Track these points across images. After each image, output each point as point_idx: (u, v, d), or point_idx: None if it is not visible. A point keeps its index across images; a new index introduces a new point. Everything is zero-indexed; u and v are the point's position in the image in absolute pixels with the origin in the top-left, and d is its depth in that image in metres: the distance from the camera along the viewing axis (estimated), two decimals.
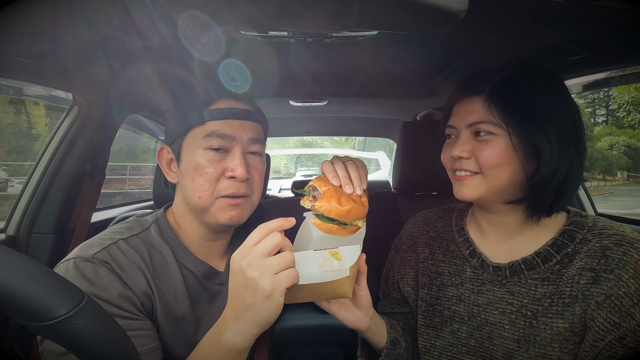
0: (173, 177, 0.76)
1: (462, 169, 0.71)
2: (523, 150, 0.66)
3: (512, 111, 0.66)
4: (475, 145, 0.69)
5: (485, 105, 0.68)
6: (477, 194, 0.70)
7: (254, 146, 0.75)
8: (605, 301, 0.61)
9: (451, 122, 0.75)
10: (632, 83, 4.54)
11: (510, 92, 0.68)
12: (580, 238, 0.67)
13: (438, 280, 0.81)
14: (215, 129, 0.70)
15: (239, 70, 1.09)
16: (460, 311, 0.76)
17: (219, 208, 0.70)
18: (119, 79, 1.13)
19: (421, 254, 0.85)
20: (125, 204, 2.03)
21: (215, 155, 0.70)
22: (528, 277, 0.69)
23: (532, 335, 0.66)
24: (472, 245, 0.78)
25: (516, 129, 0.66)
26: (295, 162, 10.69)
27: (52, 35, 0.75)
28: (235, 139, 0.71)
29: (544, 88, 0.68)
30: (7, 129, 9.44)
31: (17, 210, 1.18)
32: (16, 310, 0.35)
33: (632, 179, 17.03)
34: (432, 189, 1.48)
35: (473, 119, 0.70)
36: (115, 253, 0.66)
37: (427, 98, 1.54)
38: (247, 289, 0.54)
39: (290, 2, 0.55)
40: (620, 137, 17.40)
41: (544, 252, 0.69)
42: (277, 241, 0.55)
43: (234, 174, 0.70)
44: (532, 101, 0.67)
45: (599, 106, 20.32)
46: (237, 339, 0.57)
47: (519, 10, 0.64)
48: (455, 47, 1.03)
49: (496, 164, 0.67)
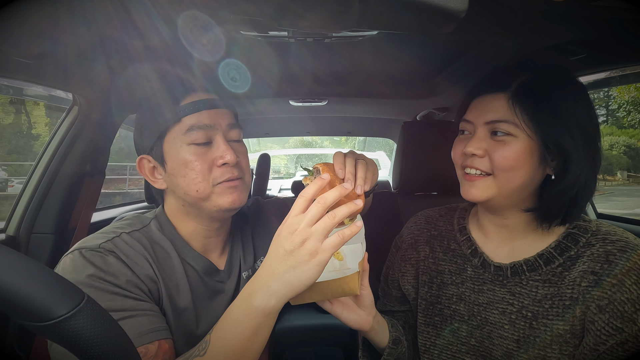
0: (161, 183, 0.75)
1: (473, 166, 0.68)
2: (540, 155, 0.64)
3: (537, 113, 0.63)
4: (491, 144, 0.67)
5: (509, 104, 0.65)
6: (486, 196, 0.68)
7: (233, 132, 0.76)
8: (608, 305, 0.60)
9: (468, 117, 0.71)
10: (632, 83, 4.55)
11: (538, 94, 0.64)
12: (584, 242, 0.66)
13: (438, 278, 0.81)
14: (193, 122, 0.70)
15: (239, 70, 1.09)
16: (461, 310, 0.76)
17: (219, 194, 0.71)
18: (119, 79, 1.13)
19: (422, 252, 0.85)
20: (125, 204, 2.03)
21: (199, 148, 0.71)
22: (529, 278, 0.69)
23: (532, 336, 0.66)
24: (473, 244, 0.77)
25: (541, 134, 0.63)
26: (295, 162, 10.68)
27: (52, 35, 0.75)
28: (214, 127, 0.72)
29: (572, 94, 0.66)
30: (7, 129, 9.44)
31: (17, 210, 1.18)
32: (16, 310, 0.35)
33: (632, 179, 17.03)
34: (432, 189, 1.48)
35: (493, 117, 0.66)
36: (120, 244, 0.67)
37: (427, 98, 1.54)
38: (293, 253, 0.55)
39: (290, 2, 0.55)
40: (620, 137, 17.39)
41: (546, 254, 0.68)
42: (320, 211, 0.55)
43: (224, 160, 0.71)
44: (561, 104, 0.64)
45: (599, 106, 20.34)
46: (269, 301, 0.56)
47: (519, 10, 0.64)
48: (455, 47, 1.03)
49: (510, 167, 0.64)
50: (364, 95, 1.58)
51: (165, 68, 0.82)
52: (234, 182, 0.73)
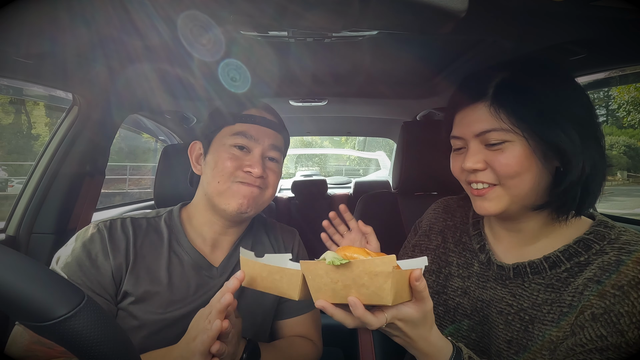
0: (199, 169, 0.86)
1: (478, 180, 0.65)
2: (542, 152, 0.61)
3: (523, 113, 0.61)
4: (488, 155, 0.64)
5: (491, 111, 0.62)
6: (501, 206, 0.64)
7: (273, 152, 0.84)
8: (602, 315, 0.56)
9: (456, 133, 0.69)
10: (632, 83, 4.55)
11: (517, 92, 0.62)
12: (597, 249, 0.62)
13: (446, 269, 0.80)
14: (242, 130, 0.81)
15: (239, 70, 1.09)
16: (464, 304, 0.75)
17: (233, 193, 0.78)
18: (119, 79, 1.13)
19: (434, 241, 0.84)
20: (125, 204, 2.03)
21: (237, 151, 0.80)
22: (532, 281, 0.66)
23: (525, 339, 0.64)
24: (483, 240, 0.75)
25: (532, 132, 0.60)
26: (295, 162, 10.67)
27: (52, 35, 0.75)
28: (257, 141, 0.81)
29: (551, 82, 0.62)
30: (7, 129, 9.44)
31: (17, 210, 1.18)
32: (16, 310, 0.35)
33: (632, 179, 17.02)
34: (432, 189, 1.48)
35: (481, 128, 0.63)
36: (114, 225, 0.78)
37: (427, 98, 1.54)
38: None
39: (290, 2, 0.55)
40: (620, 137, 17.37)
41: (553, 258, 0.65)
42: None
43: (251, 170, 0.78)
44: (542, 99, 0.61)
45: (599, 106, 20.32)
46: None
47: (519, 10, 0.64)
48: (455, 47, 1.03)
49: (516, 172, 0.61)
50: (363, 95, 1.58)
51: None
52: (250, 188, 0.79)
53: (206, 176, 0.81)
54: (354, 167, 15.43)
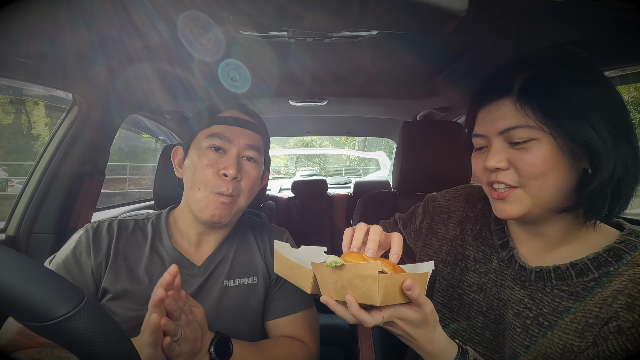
0: (180, 173, 0.88)
1: (499, 181, 0.62)
2: (570, 151, 0.57)
3: (551, 109, 0.57)
4: (513, 154, 0.60)
5: (517, 107, 0.59)
6: (523, 209, 0.61)
7: (249, 152, 0.84)
8: (630, 329, 0.53)
9: (478, 131, 0.65)
10: (632, 83, 4.54)
11: (545, 88, 0.58)
12: (629, 259, 0.58)
13: (462, 262, 0.76)
14: (217, 131, 0.82)
15: (239, 70, 1.09)
16: (480, 300, 0.71)
17: (209, 202, 0.79)
18: (119, 79, 1.13)
19: (451, 232, 0.80)
20: (125, 204, 2.03)
21: (213, 154, 0.81)
22: (554, 286, 0.62)
23: (544, 346, 0.61)
24: (507, 236, 0.71)
25: (560, 129, 0.56)
26: (295, 162, 10.68)
27: (52, 35, 0.76)
28: (232, 142, 0.82)
29: (582, 77, 0.58)
30: (7, 129, 9.44)
31: (17, 210, 1.18)
32: (16, 310, 0.35)
33: None
34: (432, 189, 1.48)
35: (505, 125, 0.60)
36: (100, 227, 0.82)
37: (427, 98, 1.54)
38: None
39: (290, 2, 0.56)
40: None
41: (581, 265, 0.61)
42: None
43: (225, 171, 0.79)
44: (571, 94, 0.57)
45: None
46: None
47: (519, 10, 0.64)
48: (455, 47, 1.03)
49: (540, 173, 0.58)
50: (363, 95, 1.58)
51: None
52: (222, 198, 0.80)
53: (186, 182, 0.83)
54: (354, 167, 15.41)
